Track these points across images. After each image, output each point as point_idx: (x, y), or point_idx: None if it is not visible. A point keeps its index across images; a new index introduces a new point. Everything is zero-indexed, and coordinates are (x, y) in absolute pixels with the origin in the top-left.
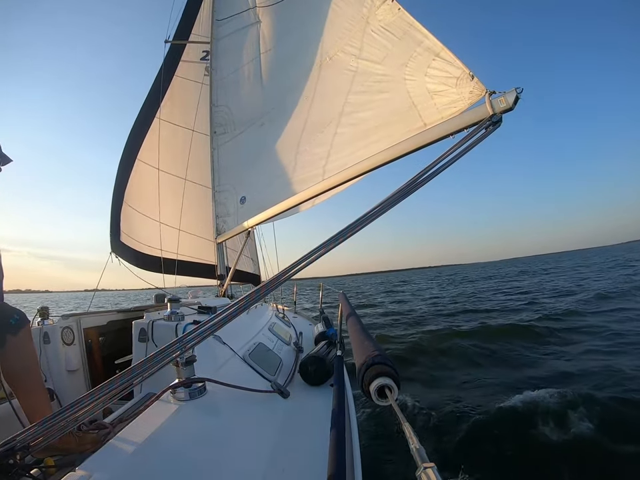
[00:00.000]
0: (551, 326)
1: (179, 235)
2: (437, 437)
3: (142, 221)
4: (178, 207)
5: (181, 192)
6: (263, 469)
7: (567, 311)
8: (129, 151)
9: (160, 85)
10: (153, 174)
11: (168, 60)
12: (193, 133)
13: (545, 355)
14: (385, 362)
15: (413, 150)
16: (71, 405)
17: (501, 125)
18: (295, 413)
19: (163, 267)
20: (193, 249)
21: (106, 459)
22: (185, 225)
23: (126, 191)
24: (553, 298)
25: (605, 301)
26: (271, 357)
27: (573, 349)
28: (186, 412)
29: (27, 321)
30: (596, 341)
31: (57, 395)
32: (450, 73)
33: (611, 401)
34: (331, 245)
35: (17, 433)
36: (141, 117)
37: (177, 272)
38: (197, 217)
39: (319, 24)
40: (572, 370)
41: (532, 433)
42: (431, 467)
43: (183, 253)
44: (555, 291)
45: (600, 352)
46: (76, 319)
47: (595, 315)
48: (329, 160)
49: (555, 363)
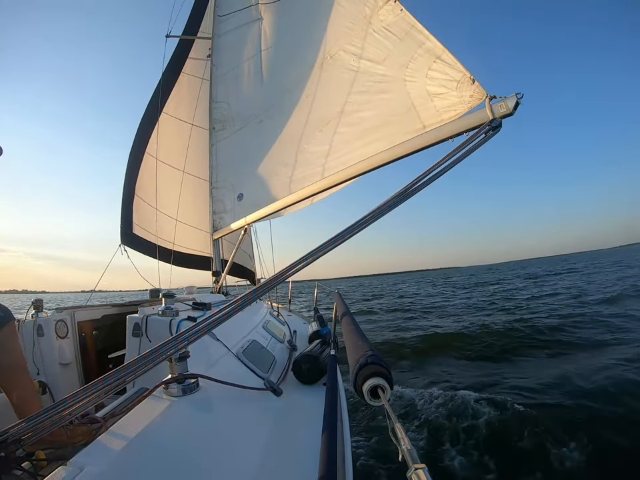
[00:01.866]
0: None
1: (176, 225)
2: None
3: (152, 213)
4: (189, 202)
5: (184, 185)
6: (255, 466)
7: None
8: (138, 145)
9: (168, 81)
10: (161, 168)
11: (175, 55)
12: (198, 128)
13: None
14: (378, 362)
15: (412, 152)
16: (64, 400)
17: (500, 130)
18: (287, 411)
19: (172, 259)
20: (195, 241)
21: (97, 452)
22: (190, 218)
23: (137, 184)
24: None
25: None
26: (264, 354)
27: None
28: (178, 407)
29: (12, 318)
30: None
31: (50, 387)
32: (451, 76)
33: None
34: (329, 247)
35: (8, 427)
36: (148, 111)
37: (181, 264)
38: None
39: (320, 22)
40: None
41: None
42: (422, 468)
43: (189, 246)
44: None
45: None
46: (70, 312)
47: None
48: (328, 159)
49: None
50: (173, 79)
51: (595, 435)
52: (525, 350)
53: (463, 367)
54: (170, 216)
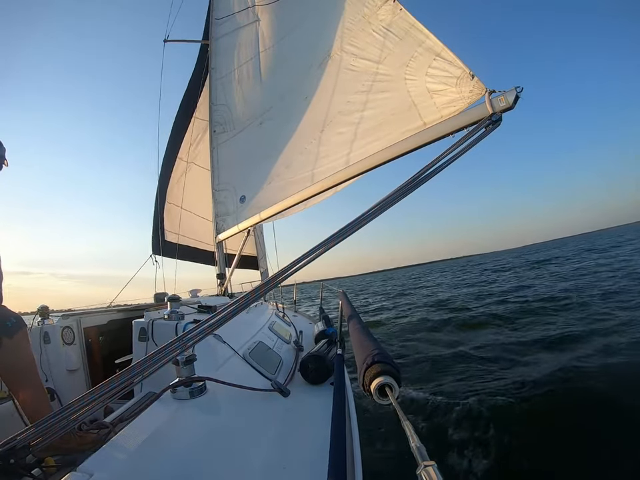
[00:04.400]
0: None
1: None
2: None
3: (187, 217)
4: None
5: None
6: (264, 467)
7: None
8: (171, 151)
9: (194, 86)
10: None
11: (200, 60)
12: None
13: None
14: (385, 360)
15: (413, 149)
16: (71, 405)
17: (500, 124)
18: (295, 412)
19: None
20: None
21: (106, 458)
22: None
23: (168, 190)
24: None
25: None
26: (271, 355)
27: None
28: (186, 411)
29: (24, 325)
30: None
31: (58, 394)
32: (450, 73)
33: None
34: (331, 243)
35: (17, 433)
36: (179, 116)
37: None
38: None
39: (319, 23)
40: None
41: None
42: (432, 465)
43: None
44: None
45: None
46: (76, 318)
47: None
48: (330, 159)
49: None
50: (199, 83)
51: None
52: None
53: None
54: (201, 216)
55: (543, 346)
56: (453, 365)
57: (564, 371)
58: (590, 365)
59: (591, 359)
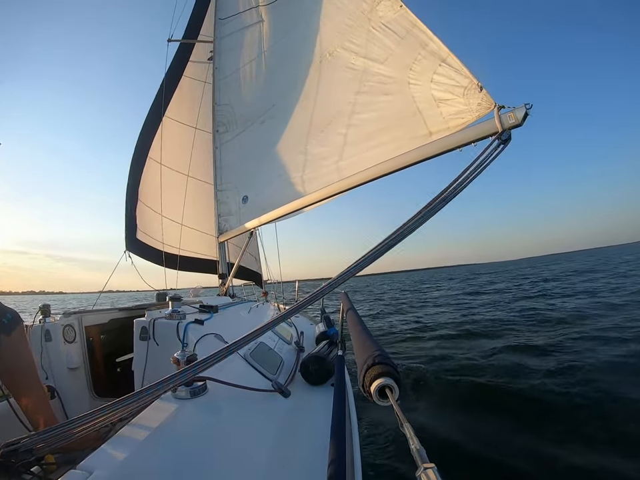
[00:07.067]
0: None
1: (181, 230)
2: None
3: (156, 219)
4: (194, 205)
5: (188, 188)
6: (263, 467)
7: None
8: (140, 150)
9: (169, 85)
10: (165, 172)
11: (177, 59)
12: (201, 132)
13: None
14: (386, 362)
15: (420, 160)
16: (79, 418)
17: (509, 144)
18: (295, 412)
19: (178, 264)
20: (201, 245)
21: (107, 456)
22: (193, 221)
23: (140, 189)
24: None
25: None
26: (272, 356)
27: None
28: (187, 410)
29: (21, 321)
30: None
31: (58, 392)
32: (457, 82)
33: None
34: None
35: (22, 437)
36: (150, 115)
37: (187, 269)
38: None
39: (318, 19)
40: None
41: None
42: (431, 467)
43: (195, 250)
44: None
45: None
46: (77, 316)
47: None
48: (331, 161)
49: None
50: (175, 82)
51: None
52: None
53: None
54: (174, 220)
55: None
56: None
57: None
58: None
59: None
